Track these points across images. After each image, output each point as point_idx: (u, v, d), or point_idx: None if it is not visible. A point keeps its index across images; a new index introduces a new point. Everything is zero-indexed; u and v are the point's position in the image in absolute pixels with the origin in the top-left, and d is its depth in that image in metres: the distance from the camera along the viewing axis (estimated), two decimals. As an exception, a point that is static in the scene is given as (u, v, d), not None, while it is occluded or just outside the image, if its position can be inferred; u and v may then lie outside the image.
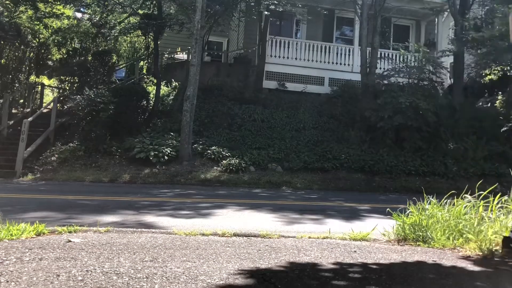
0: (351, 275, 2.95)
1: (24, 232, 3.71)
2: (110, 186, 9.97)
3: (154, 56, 16.11)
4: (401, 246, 4.00)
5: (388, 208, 4.67)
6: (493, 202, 4.01)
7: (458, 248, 3.82)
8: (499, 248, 3.59)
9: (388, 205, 5.56)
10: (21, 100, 16.82)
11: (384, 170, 12.23)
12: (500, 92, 16.12)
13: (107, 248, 3.33)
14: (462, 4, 15.90)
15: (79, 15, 19.90)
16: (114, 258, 3.01)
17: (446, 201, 4.33)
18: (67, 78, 16.96)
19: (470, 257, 3.56)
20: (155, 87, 15.73)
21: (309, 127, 14.36)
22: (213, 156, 12.12)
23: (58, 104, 14.97)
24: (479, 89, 17.43)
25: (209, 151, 12.28)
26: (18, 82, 16.31)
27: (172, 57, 20.05)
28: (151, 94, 15.66)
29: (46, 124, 13.49)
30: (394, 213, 4.38)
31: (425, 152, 13.14)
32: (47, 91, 17.96)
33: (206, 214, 6.17)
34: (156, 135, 12.84)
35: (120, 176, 10.98)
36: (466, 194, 4.25)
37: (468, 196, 4.22)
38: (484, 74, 16.57)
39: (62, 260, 2.90)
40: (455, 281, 2.94)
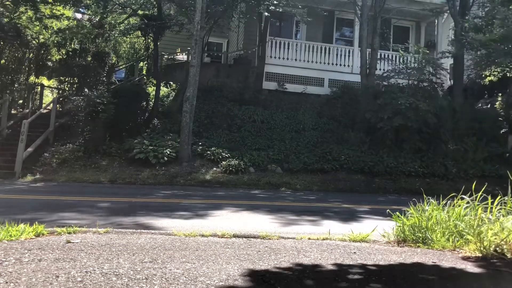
0: (351, 276, 2.95)
1: (23, 233, 3.71)
2: (110, 187, 9.96)
3: (153, 57, 16.11)
4: (400, 247, 3.99)
5: (387, 210, 4.67)
6: (492, 203, 4.01)
7: (458, 250, 3.82)
8: (498, 249, 3.59)
9: (387, 206, 5.56)
10: (20, 101, 16.81)
11: (384, 172, 12.23)
12: (500, 94, 16.14)
13: (107, 249, 3.33)
14: (462, 5, 15.92)
15: (79, 15, 19.90)
16: (113, 259, 3.00)
17: (446, 202, 4.32)
18: (67, 79, 16.95)
19: (470, 258, 3.55)
20: (155, 88, 15.73)
21: (309, 128, 14.36)
22: (212, 157, 12.12)
23: (58, 105, 14.98)
24: (479, 90, 17.44)
25: (208, 152, 12.27)
26: (17, 83, 16.29)
27: (172, 58, 20.06)
28: (151, 95, 15.66)
29: (45, 124, 13.48)
30: (394, 214, 4.37)
31: (425, 154, 13.15)
32: (46, 92, 17.95)
33: (205, 215, 6.16)
34: (155, 136, 12.84)
35: (119, 177, 10.97)
36: (465, 196, 4.24)
37: (466, 197, 4.21)
38: (484, 76, 16.58)
39: (61, 261, 2.89)
40: (455, 282, 2.94)
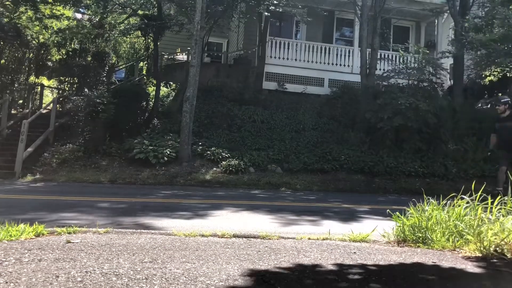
0: (351, 276, 2.95)
1: (23, 233, 3.70)
2: (110, 187, 9.96)
3: (153, 57, 16.11)
4: (400, 247, 3.99)
5: (387, 210, 4.66)
6: (492, 203, 4.01)
7: (458, 250, 3.81)
8: (498, 249, 3.58)
9: (387, 206, 5.56)
10: (20, 101, 16.81)
11: (384, 172, 12.23)
12: (500, 93, 16.14)
13: (107, 249, 3.32)
14: (462, 5, 15.92)
15: (79, 16, 19.91)
16: (113, 259, 3.00)
17: (446, 202, 4.32)
18: (67, 79, 16.97)
19: (470, 258, 3.55)
20: (155, 88, 15.74)
21: (308, 128, 14.36)
22: (212, 157, 12.12)
23: (58, 105, 14.99)
24: (479, 90, 17.46)
25: (208, 152, 12.27)
26: (17, 83, 16.30)
27: (172, 58, 20.07)
28: (151, 95, 15.67)
29: (45, 124, 13.49)
30: (394, 214, 4.37)
31: (425, 154, 13.14)
32: (46, 92, 17.96)
33: (205, 215, 6.16)
34: (155, 136, 12.84)
35: (119, 177, 10.98)
36: (465, 196, 4.24)
37: (466, 197, 4.20)
38: (484, 76, 16.59)
39: (61, 261, 2.89)
40: (455, 282, 2.93)
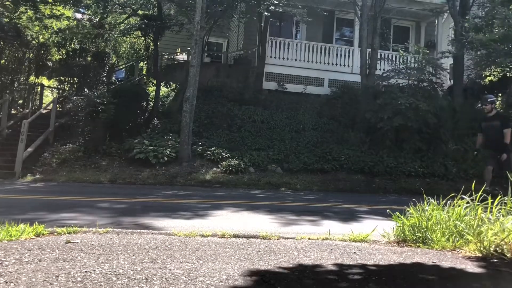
0: (351, 277, 2.94)
1: (23, 233, 3.70)
2: (110, 187, 9.96)
3: (153, 57, 16.12)
4: (400, 247, 3.99)
5: (387, 210, 4.66)
6: (492, 203, 4.01)
7: (458, 250, 3.81)
8: (498, 249, 3.58)
9: (387, 206, 5.56)
10: (20, 101, 16.82)
11: (384, 172, 12.23)
12: (499, 94, 16.14)
13: (107, 249, 3.32)
14: (462, 5, 15.92)
15: (79, 16, 19.91)
16: (113, 259, 3.00)
17: (446, 202, 4.32)
18: (67, 79, 16.98)
19: (470, 258, 3.55)
20: (155, 88, 15.74)
21: (308, 128, 14.36)
22: (212, 157, 12.12)
23: (58, 105, 15.00)
24: (479, 90, 17.43)
25: (208, 152, 12.27)
26: (17, 83, 16.30)
27: (172, 58, 20.07)
28: (151, 95, 15.67)
29: (45, 124, 13.49)
30: (394, 214, 4.37)
31: (425, 154, 13.14)
32: (46, 92, 17.96)
33: (205, 215, 6.16)
34: (155, 136, 12.84)
35: (119, 177, 10.98)
36: (465, 196, 4.24)
37: (466, 197, 4.20)
38: (484, 76, 16.59)
39: (61, 261, 2.89)
40: (455, 282, 2.93)
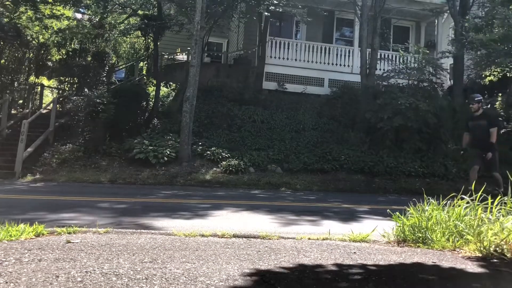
0: (351, 277, 2.95)
1: (23, 233, 3.70)
2: (110, 187, 9.96)
3: (153, 57, 16.12)
4: (400, 247, 3.99)
5: (387, 210, 4.66)
6: (492, 203, 4.01)
7: (458, 250, 3.81)
8: (498, 249, 3.58)
9: (387, 206, 5.56)
10: (20, 101, 16.82)
11: (384, 172, 12.23)
12: (499, 94, 16.13)
13: (107, 249, 3.32)
14: (462, 5, 15.92)
15: (79, 15, 19.91)
16: (113, 259, 3.00)
17: (446, 202, 4.32)
18: (67, 79, 16.98)
19: (470, 258, 3.55)
20: (155, 88, 15.74)
21: (308, 128, 14.36)
22: (212, 157, 12.12)
23: (58, 105, 15.00)
24: (478, 90, 17.39)
25: (208, 152, 12.27)
26: (17, 83, 16.31)
27: (172, 58, 20.07)
28: (151, 95, 15.67)
29: (45, 124, 13.49)
30: (394, 214, 4.37)
31: (425, 154, 13.14)
32: (46, 92, 17.97)
33: (205, 215, 6.16)
34: (155, 136, 12.84)
35: (119, 177, 10.98)
36: (465, 196, 4.24)
37: (466, 197, 4.20)
38: (484, 76, 16.58)
39: (61, 261, 2.89)
40: (455, 282, 2.93)
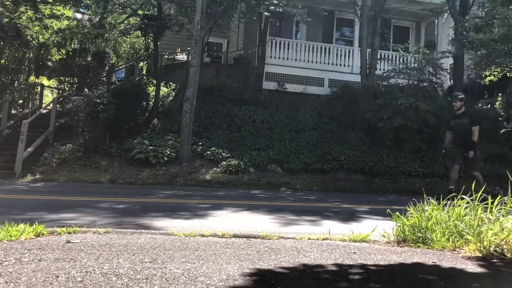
0: (351, 277, 2.95)
1: (23, 233, 3.70)
2: (110, 187, 9.96)
3: (153, 57, 16.11)
4: (400, 247, 3.99)
5: (387, 210, 4.66)
6: (492, 203, 4.01)
7: (458, 250, 3.81)
8: (498, 249, 3.58)
9: (387, 206, 5.56)
10: (20, 101, 16.82)
11: (383, 172, 12.22)
12: (499, 94, 16.15)
13: (107, 249, 3.32)
14: (462, 5, 15.91)
15: (79, 15, 19.91)
16: (113, 259, 3.00)
17: (446, 202, 4.32)
18: (67, 79, 16.98)
19: (470, 258, 3.55)
20: (155, 88, 15.74)
21: (308, 128, 14.36)
22: (212, 157, 12.12)
23: (58, 105, 14.99)
24: (478, 90, 17.46)
25: (208, 152, 12.27)
26: (17, 83, 16.31)
27: (172, 58, 20.07)
28: (151, 95, 15.67)
29: (45, 124, 13.49)
30: (394, 214, 4.37)
31: (425, 154, 13.14)
32: (46, 92, 17.96)
33: (205, 215, 6.16)
34: (155, 136, 12.84)
35: (119, 177, 10.97)
36: (465, 196, 4.24)
37: (466, 197, 4.21)
38: (484, 76, 16.59)
39: (61, 261, 2.89)
40: (455, 282, 2.94)
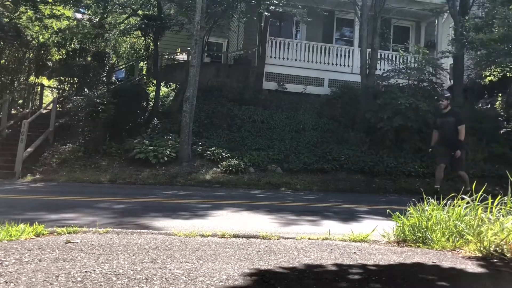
0: (351, 277, 2.95)
1: (23, 233, 3.70)
2: (110, 187, 9.96)
3: (153, 57, 16.12)
4: (400, 247, 3.99)
5: (387, 210, 4.66)
6: (492, 203, 4.01)
7: (458, 250, 3.81)
8: (498, 249, 3.59)
9: (387, 206, 5.56)
10: (20, 101, 16.82)
11: (383, 172, 12.22)
12: (499, 94, 16.15)
13: (107, 249, 3.33)
14: (462, 5, 15.91)
15: (79, 15, 19.91)
16: (113, 259, 3.00)
17: (446, 202, 4.32)
18: (67, 79, 16.98)
19: (470, 258, 3.55)
20: (155, 88, 15.74)
21: (308, 128, 14.36)
22: (212, 157, 12.11)
23: (58, 105, 14.99)
24: (478, 90, 17.45)
25: (208, 152, 12.27)
26: (17, 83, 16.31)
27: (172, 58, 20.07)
28: (151, 95, 15.67)
29: (45, 124, 13.49)
30: (394, 214, 4.37)
31: (425, 154, 13.11)
32: (46, 92, 17.96)
33: (205, 215, 6.16)
34: (155, 136, 12.84)
35: (119, 177, 10.97)
36: (465, 196, 4.24)
37: (466, 197, 4.21)
38: (484, 76, 16.59)
39: (61, 261, 2.89)
40: (455, 282, 2.94)
